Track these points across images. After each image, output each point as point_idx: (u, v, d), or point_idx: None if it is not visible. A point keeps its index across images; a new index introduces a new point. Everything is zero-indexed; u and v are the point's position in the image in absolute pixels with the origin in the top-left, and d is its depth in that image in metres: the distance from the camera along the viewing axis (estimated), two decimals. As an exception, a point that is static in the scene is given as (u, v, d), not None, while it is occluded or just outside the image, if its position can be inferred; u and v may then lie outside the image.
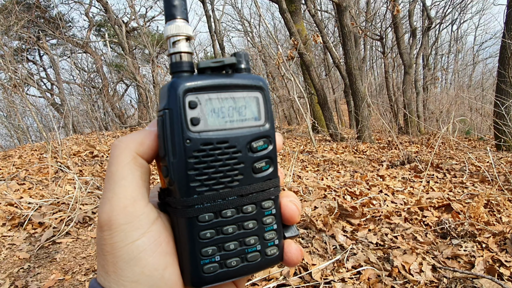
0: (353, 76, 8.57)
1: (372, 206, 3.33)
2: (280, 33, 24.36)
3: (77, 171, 4.77)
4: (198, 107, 0.36)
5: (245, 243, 0.39)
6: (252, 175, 0.39)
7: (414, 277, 2.05)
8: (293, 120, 18.78)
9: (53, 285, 2.23)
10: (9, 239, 2.79)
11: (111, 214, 0.35)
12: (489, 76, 20.99)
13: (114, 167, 0.36)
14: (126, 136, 0.38)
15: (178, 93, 0.36)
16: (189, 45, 0.39)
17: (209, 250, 0.37)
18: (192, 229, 0.37)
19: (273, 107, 9.41)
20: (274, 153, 0.40)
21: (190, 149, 0.36)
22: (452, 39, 25.49)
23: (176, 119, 0.36)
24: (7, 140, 14.08)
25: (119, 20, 15.92)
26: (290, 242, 0.43)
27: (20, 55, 13.31)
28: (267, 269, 0.41)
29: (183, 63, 0.38)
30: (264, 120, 0.40)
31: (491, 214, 3.00)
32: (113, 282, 0.35)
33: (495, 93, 7.02)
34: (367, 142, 8.24)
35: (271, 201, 0.41)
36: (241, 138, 0.38)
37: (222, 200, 0.37)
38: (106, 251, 0.35)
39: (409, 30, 14.73)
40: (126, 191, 0.36)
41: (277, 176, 0.41)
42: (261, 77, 0.40)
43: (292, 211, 0.42)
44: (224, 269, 0.38)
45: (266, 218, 0.40)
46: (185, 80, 0.36)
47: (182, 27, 0.38)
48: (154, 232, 0.36)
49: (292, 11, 9.86)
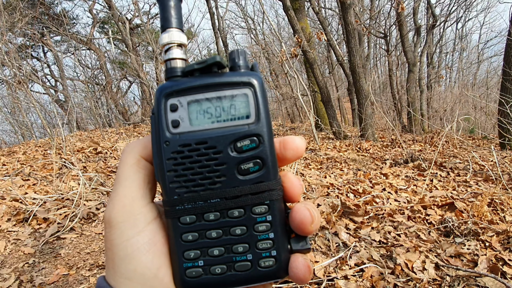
0: (356, 74, 8.53)
1: (375, 204, 3.33)
2: (284, 31, 24.31)
3: (81, 168, 4.79)
4: (179, 109, 0.37)
5: (232, 250, 0.37)
6: (238, 177, 0.37)
7: (417, 275, 2.05)
8: (296, 118, 18.74)
9: (58, 280, 2.25)
10: (14, 234, 2.82)
11: (111, 212, 0.37)
12: (494, 75, 20.88)
13: (120, 169, 0.38)
14: (133, 141, 0.40)
15: (158, 97, 0.37)
16: (182, 52, 0.39)
17: (191, 253, 0.37)
18: (175, 230, 0.37)
19: (276, 105, 9.36)
20: (265, 153, 0.37)
21: (168, 150, 0.36)
22: (456, 37, 25.30)
23: (158, 123, 0.37)
24: (11, 136, 14.13)
25: (123, 17, 15.93)
26: (297, 256, 0.38)
27: (25, 52, 13.36)
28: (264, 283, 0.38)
29: (177, 69, 0.39)
30: (254, 118, 0.37)
31: (494, 213, 2.99)
32: (112, 278, 0.36)
33: (499, 92, 6.98)
34: (371, 140, 8.22)
35: (265, 206, 0.37)
36: (223, 138, 0.37)
37: (203, 202, 0.37)
38: (107, 248, 0.37)
39: (413, 28, 14.65)
40: (127, 191, 0.37)
41: (275, 179, 0.37)
42: (253, 73, 0.38)
43: (304, 216, 0.37)
44: (208, 276, 0.37)
45: (258, 225, 0.37)
46: (168, 84, 0.38)
47: (174, 35, 0.39)
48: (149, 231, 0.37)
49: (296, 9, 9.82)
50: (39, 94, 15.93)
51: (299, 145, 0.39)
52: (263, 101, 0.38)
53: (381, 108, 11.60)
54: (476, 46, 26.71)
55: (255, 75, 0.38)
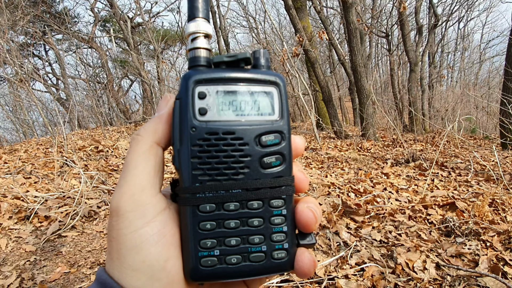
0: (358, 73, 8.52)
1: (376, 203, 3.32)
2: (285, 30, 24.28)
3: (82, 166, 4.80)
4: (207, 97, 0.37)
5: (249, 241, 0.38)
6: (260, 170, 0.38)
7: (418, 275, 2.05)
8: (297, 117, 18.73)
9: (59, 278, 2.25)
10: (16, 232, 2.83)
11: (119, 201, 0.35)
12: (496, 75, 20.83)
13: (129, 156, 0.37)
14: (140, 128, 0.39)
15: (188, 83, 0.37)
16: (207, 42, 0.40)
17: (208, 242, 0.37)
18: (193, 218, 0.36)
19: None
20: (287, 150, 0.39)
21: (195, 137, 0.36)
22: (458, 36, 25.24)
23: (184, 108, 0.37)
24: (13, 135, 14.16)
25: (124, 16, 15.94)
26: (303, 251, 0.40)
27: (26, 50, 13.36)
28: (274, 274, 0.39)
29: (200, 58, 0.39)
30: (278, 115, 0.39)
31: (496, 213, 2.98)
32: (116, 269, 0.35)
33: (501, 92, 6.97)
34: (372, 140, 8.21)
35: (281, 200, 0.38)
36: (250, 131, 0.38)
37: (225, 191, 0.37)
38: (112, 237, 0.36)
39: (415, 27, 14.63)
40: (136, 180, 0.36)
41: (291, 175, 0.39)
42: (279, 74, 0.40)
43: (308, 218, 0.39)
44: (223, 265, 0.37)
45: (274, 218, 0.38)
46: (197, 72, 0.38)
47: (201, 25, 0.39)
48: (159, 222, 0.36)
49: (297, 8, 9.81)
50: (40, 93, 15.96)
51: (298, 145, 0.41)
52: (286, 101, 0.40)
53: (382, 107, 11.59)
54: (478, 46, 26.66)
55: (281, 77, 0.40)
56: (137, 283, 0.35)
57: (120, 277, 0.35)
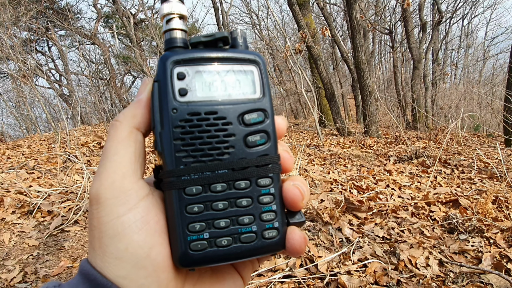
0: (361, 70, 8.49)
1: (378, 200, 3.32)
2: (288, 26, 24.19)
3: (85, 161, 4.81)
4: (186, 78, 0.37)
5: (238, 221, 0.37)
6: (245, 149, 0.37)
7: (421, 271, 2.05)
8: (300, 114, 18.70)
9: (62, 272, 2.26)
10: (19, 226, 2.84)
11: (99, 189, 0.34)
12: (500, 72, 20.66)
13: (108, 143, 0.36)
14: (119, 114, 0.38)
15: (166, 64, 0.36)
16: (183, 23, 0.39)
17: (197, 225, 0.35)
18: (179, 202, 0.35)
19: (280, 101, 9.40)
20: (271, 128, 0.38)
21: (176, 118, 0.35)
22: (462, 33, 25.05)
23: (164, 90, 0.36)
24: (16, 130, 14.23)
25: (127, 12, 15.93)
26: (294, 228, 0.39)
27: (29, 46, 13.38)
28: (266, 255, 0.39)
29: (177, 39, 0.38)
30: (260, 94, 0.39)
31: (499, 210, 2.97)
32: (99, 259, 0.34)
33: (505, 89, 6.92)
34: (374, 137, 8.19)
35: (269, 179, 0.38)
36: (232, 110, 0.37)
37: (211, 172, 0.36)
38: (93, 226, 0.34)
39: (419, 24, 14.55)
40: (116, 166, 0.35)
41: (277, 154, 0.39)
42: (257, 53, 0.40)
43: (294, 195, 0.38)
44: (213, 248, 0.36)
45: (263, 197, 0.37)
46: (175, 53, 0.37)
47: (174, 6, 0.39)
48: (141, 208, 0.35)
49: (300, 4, 9.76)
50: (43, 88, 16.05)
51: (280, 125, 0.40)
52: (267, 79, 0.40)
53: (385, 104, 11.54)
54: (482, 43, 26.49)
55: (260, 55, 0.40)
56: (121, 272, 0.33)
57: (103, 266, 0.34)
